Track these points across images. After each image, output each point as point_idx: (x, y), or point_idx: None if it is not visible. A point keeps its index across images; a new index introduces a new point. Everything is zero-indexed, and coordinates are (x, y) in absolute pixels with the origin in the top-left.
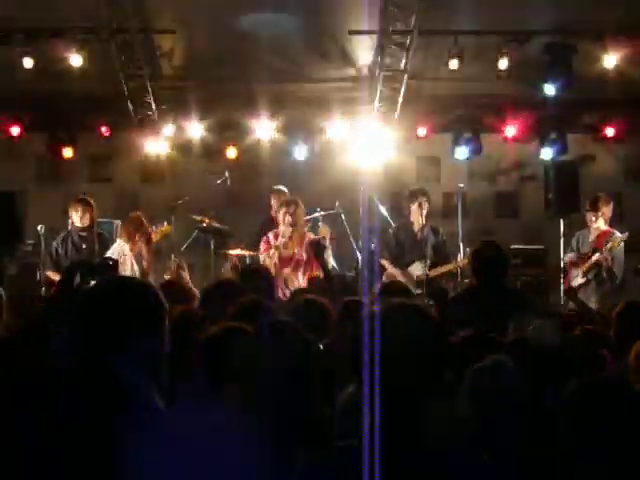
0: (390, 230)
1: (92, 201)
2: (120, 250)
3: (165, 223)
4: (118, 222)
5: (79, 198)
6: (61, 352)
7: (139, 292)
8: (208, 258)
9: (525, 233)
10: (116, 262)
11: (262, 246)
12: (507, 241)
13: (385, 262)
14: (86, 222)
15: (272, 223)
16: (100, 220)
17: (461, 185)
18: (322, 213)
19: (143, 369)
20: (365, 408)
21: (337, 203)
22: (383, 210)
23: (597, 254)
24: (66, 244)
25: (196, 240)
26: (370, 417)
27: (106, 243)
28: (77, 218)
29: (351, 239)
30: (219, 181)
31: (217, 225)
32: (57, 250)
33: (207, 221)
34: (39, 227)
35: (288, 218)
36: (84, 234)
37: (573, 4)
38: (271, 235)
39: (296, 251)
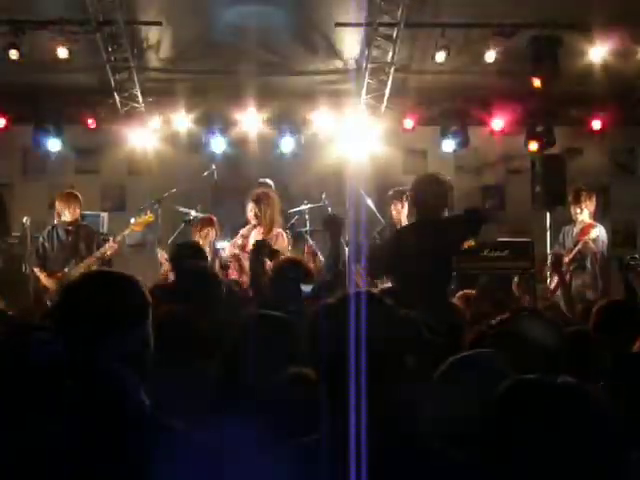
0: (375, 235)
1: (76, 193)
2: None
3: (148, 212)
4: (104, 215)
5: (68, 192)
6: (43, 350)
7: (123, 287)
8: None
9: (512, 226)
10: None
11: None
12: (494, 234)
13: None
14: (75, 216)
15: None
16: (86, 213)
17: (448, 178)
18: (309, 206)
19: (128, 367)
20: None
21: (323, 196)
22: (370, 203)
23: (579, 244)
24: (52, 238)
25: (182, 233)
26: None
27: (92, 236)
28: (67, 213)
29: None
30: (206, 173)
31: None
32: (44, 245)
33: (193, 214)
34: (25, 220)
35: (251, 215)
36: (70, 228)
37: None
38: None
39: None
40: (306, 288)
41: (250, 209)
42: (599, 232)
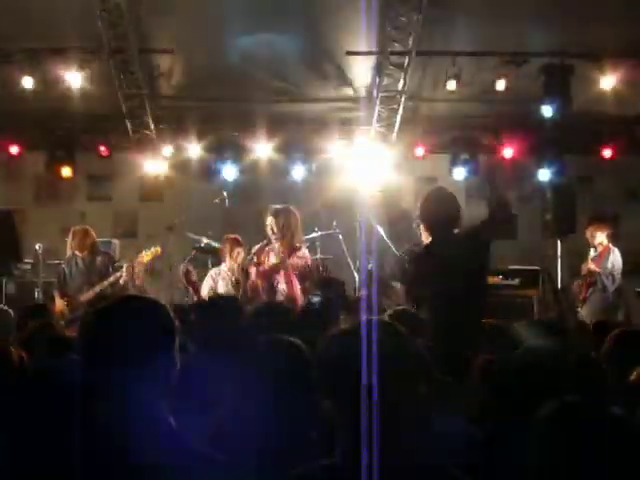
0: (404, 255)
1: (87, 228)
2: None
3: (156, 245)
4: (116, 242)
5: (79, 230)
6: (73, 368)
7: (152, 311)
8: (205, 277)
9: (522, 254)
10: None
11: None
12: (504, 262)
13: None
14: (86, 250)
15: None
16: (98, 240)
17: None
18: (320, 233)
19: (158, 387)
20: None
21: (335, 223)
22: (380, 230)
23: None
24: (71, 266)
25: (193, 259)
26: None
27: (107, 264)
28: (79, 253)
29: (349, 260)
30: (217, 200)
31: (214, 244)
32: (64, 271)
33: (205, 241)
34: (37, 246)
35: (269, 230)
36: (88, 256)
37: (571, 26)
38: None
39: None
40: (314, 298)
41: (268, 223)
42: (609, 256)
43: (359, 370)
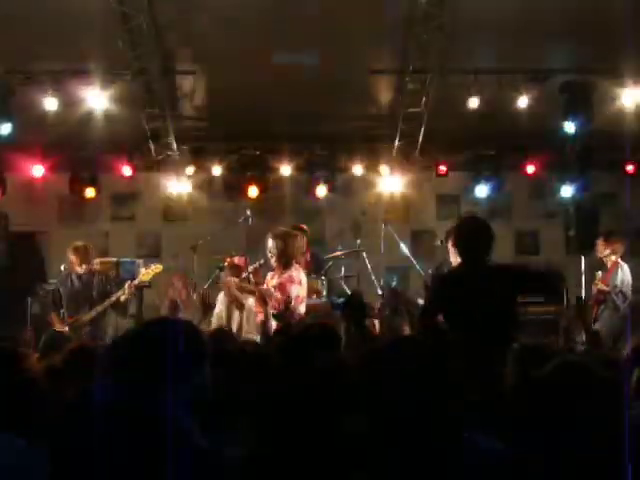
0: (433, 273)
1: (88, 245)
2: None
3: (156, 264)
4: (140, 261)
5: (80, 246)
6: (103, 392)
7: (185, 333)
8: None
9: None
10: None
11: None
12: None
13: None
14: (84, 267)
15: None
16: (122, 260)
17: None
18: (343, 251)
19: (189, 409)
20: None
21: (358, 241)
22: (404, 247)
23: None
24: (66, 285)
25: (217, 279)
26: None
27: (105, 283)
28: (79, 269)
29: (372, 277)
30: (240, 220)
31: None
32: (58, 291)
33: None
34: (62, 267)
35: (268, 252)
36: (84, 275)
37: (591, 42)
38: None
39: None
40: (338, 300)
41: (268, 245)
42: (617, 273)
43: (392, 388)
